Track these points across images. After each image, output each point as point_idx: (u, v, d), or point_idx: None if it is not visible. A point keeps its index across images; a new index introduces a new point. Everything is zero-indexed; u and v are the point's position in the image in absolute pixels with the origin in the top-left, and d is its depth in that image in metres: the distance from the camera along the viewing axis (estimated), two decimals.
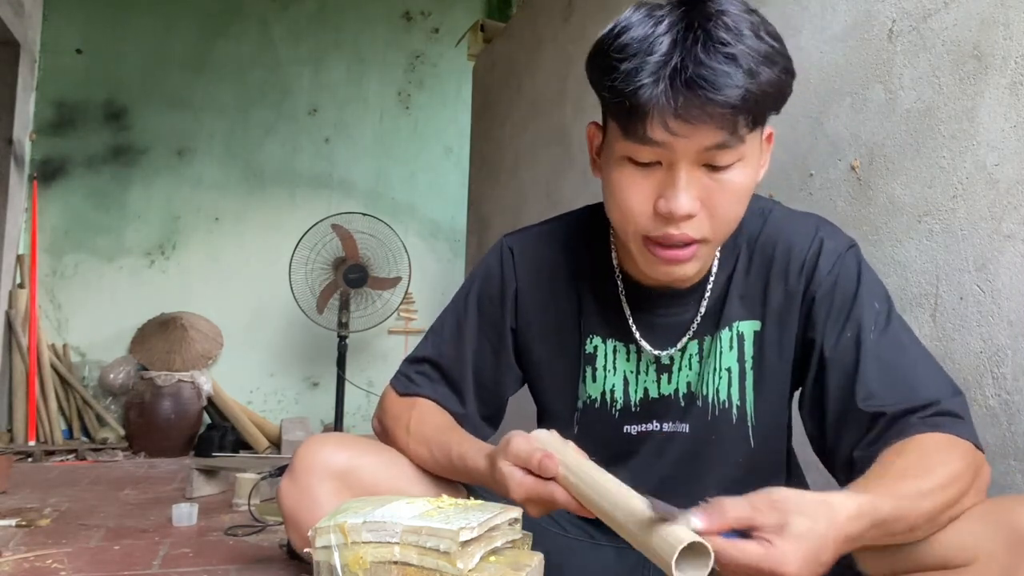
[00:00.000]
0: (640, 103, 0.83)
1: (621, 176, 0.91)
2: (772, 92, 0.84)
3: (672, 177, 0.87)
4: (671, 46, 0.82)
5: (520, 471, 0.87)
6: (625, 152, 0.89)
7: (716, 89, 0.80)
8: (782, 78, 0.85)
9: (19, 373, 3.70)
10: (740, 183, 0.89)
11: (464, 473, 1.01)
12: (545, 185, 2.79)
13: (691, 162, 0.86)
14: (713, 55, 0.81)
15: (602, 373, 1.08)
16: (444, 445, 1.04)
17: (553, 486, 0.84)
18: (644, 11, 0.86)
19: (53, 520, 2.03)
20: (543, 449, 0.86)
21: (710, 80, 0.80)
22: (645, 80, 0.82)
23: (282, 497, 1.05)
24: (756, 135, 0.89)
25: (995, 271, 1.14)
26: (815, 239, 1.01)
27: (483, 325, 1.14)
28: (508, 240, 1.16)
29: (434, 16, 4.77)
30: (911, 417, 0.88)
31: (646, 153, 0.87)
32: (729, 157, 0.87)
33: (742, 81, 0.81)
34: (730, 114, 0.82)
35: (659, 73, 0.81)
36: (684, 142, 0.84)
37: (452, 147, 4.69)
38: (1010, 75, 1.13)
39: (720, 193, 0.88)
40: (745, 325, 1.03)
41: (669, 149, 0.85)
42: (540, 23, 2.92)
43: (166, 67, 4.31)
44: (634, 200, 0.90)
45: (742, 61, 0.81)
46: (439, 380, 1.14)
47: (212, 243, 4.33)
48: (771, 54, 0.84)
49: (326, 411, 4.23)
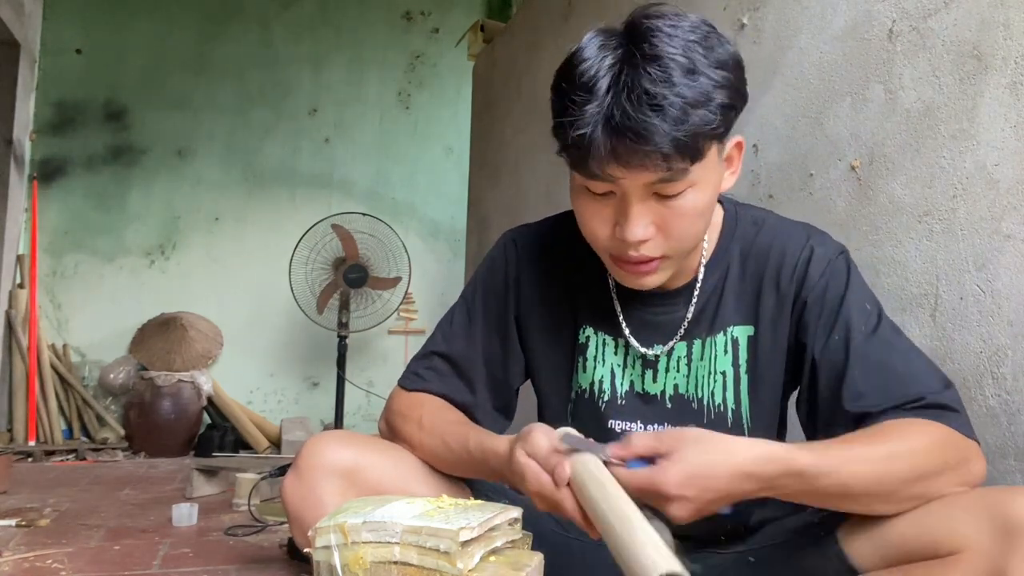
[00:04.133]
0: (579, 147, 0.87)
1: (581, 203, 0.97)
2: (706, 131, 0.85)
3: (624, 208, 0.91)
4: (606, 92, 0.85)
5: (537, 466, 0.87)
6: (581, 182, 0.94)
7: (642, 140, 0.83)
8: (717, 115, 0.85)
9: (19, 373, 3.70)
10: (693, 206, 0.92)
11: (480, 461, 1.00)
12: (545, 185, 2.79)
13: (640, 194, 0.90)
14: (639, 107, 0.83)
15: (592, 363, 1.10)
16: (461, 435, 1.04)
17: (564, 493, 0.84)
18: (597, 42, 0.88)
19: (53, 520, 2.03)
20: (561, 454, 0.86)
21: (636, 131, 0.83)
22: (582, 127, 0.85)
23: (286, 495, 1.05)
24: (705, 162, 0.90)
25: (995, 271, 1.14)
26: (806, 246, 1.04)
27: (490, 316, 1.16)
28: (511, 233, 1.20)
29: (434, 16, 4.78)
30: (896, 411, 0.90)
31: (598, 186, 0.92)
32: (677, 187, 0.90)
33: (668, 129, 0.83)
34: (662, 159, 0.85)
35: (594, 120, 0.85)
36: (626, 181, 0.88)
37: (452, 147, 4.69)
38: (1010, 75, 1.13)
39: (674, 217, 0.92)
40: (739, 330, 1.05)
41: (616, 184, 0.89)
42: (540, 23, 2.92)
43: (166, 67, 4.31)
44: (595, 225, 0.95)
45: (668, 111, 0.83)
46: (450, 373, 1.15)
47: (212, 243, 4.34)
48: (705, 93, 0.84)
49: (326, 411, 4.23)
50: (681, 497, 0.78)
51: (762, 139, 1.62)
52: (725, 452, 0.79)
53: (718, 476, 0.78)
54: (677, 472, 0.78)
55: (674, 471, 0.78)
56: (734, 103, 0.89)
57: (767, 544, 1.04)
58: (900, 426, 0.87)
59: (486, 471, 1.01)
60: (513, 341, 1.16)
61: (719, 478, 0.78)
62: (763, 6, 1.67)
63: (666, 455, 0.79)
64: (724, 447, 0.80)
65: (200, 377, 3.92)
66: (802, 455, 0.81)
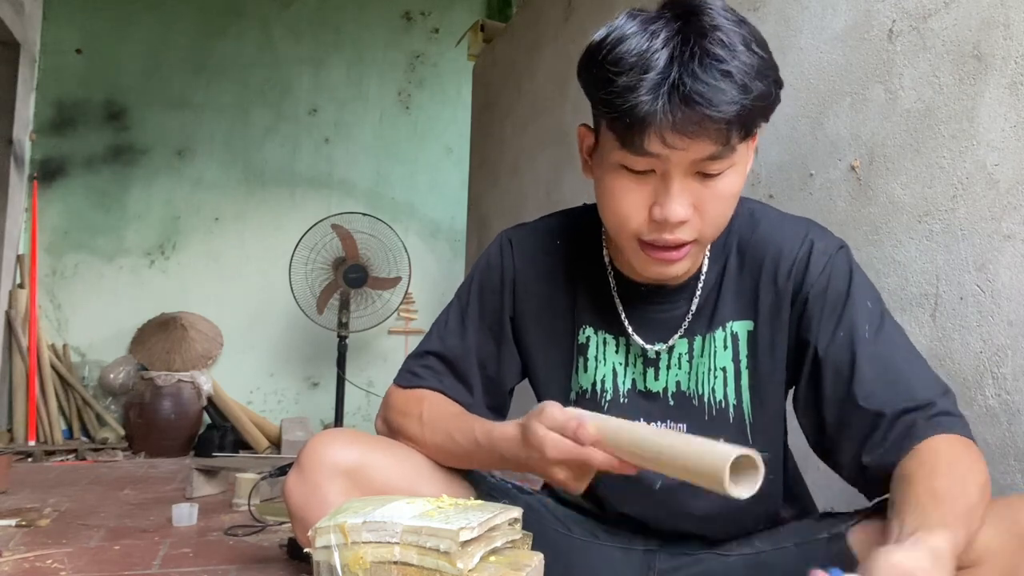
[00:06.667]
0: (638, 117, 0.85)
1: (616, 183, 0.93)
2: (763, 104, 0.87)
3: (666, 186, 0.90)
4: (668, 62, 0.84)
5: (556, 434, 0.88)
6: (620, 160, 0.91)
7: (713, 105, 0.83)
8: (772, 90, 0.88)
9: (19, 373, 3.70)
10: (730, 188, 0.92)
11: (488, 450, 1.00)
12: (545, 185, 2.79)
13: (684, 171, 0.89)
14: (709, 71, 0.83)
15: (593, 363, 1.09)
16: (466, 426, 1.04)
17: (590, 449, 0.86)
18: (638, 22, 0.88)
19: (53, 520, 2.03)
20: (577, 418, 0.88)
21: (707, 96, 0.83)
22: (643, 96, 0.84)
23: (289, 494, 1.04)
24: (748, 143, 0.92)
25: (995, 271, 1.14)
26: (805, 241, 1.03)
27: (485, 316, 1.15)
28: (507, 233, 1.19)
29: (434, 16, 4.78)
30: (912, 417, 0.89)
31: (641, 163, 0.90)
32: (721, 166, 0.90)
33: (737, 96, 0.83)
34: (725, 128, 0.85)
35: (657, 89, 0.83)
36: (680, 154, 0.87)
37: (452, 147, 4.69)
38: (1010, 75, 1.13)
39: (712, 199, 0.91)
40: (738, 325, 1.05)
41: (664, 160, 0.88)
42: (540, 23, 2.92)
43: (166, 67, 4.31)
44: (629, 206, 0.93)
45: (737, 76, 0.83)
46: (445, 372, 1.14)
47: (212, 243, 4.34)
48: (762, 67, 0.86)
49: (326, 411, 4.23)
50: None
51: (762, 139, 1.62)
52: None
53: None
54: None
55: None
56: (781, 83, 0.90)
57: (775, 548, 1.04)
58: (957, 458, 0.84)
59: (495, 459, 1.00)
60: (508, 341, 1.15)
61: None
62: (763, 6, 1.67)
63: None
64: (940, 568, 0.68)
65: (200, 377, 3.92)
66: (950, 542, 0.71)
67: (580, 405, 1.10)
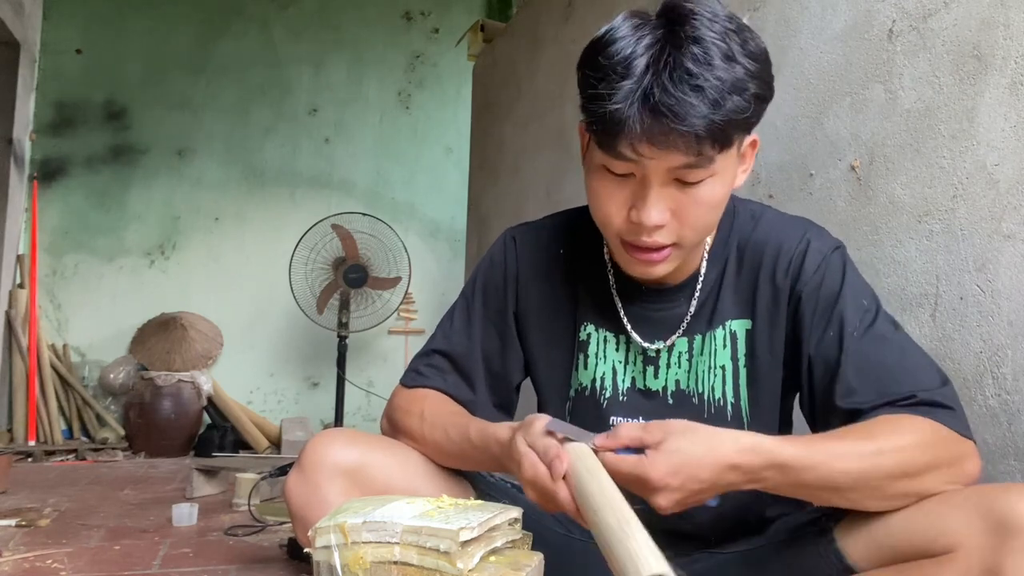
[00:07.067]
0: (611, 123, 0.86)
1: (598, 183, 0.95)
2: (739, 119, 0.87)
3: (643, 190, 0.91)
4: (644, 70, 0.85)
5: (534, 455, 0.87)
6: (602, 161, 0.93)
7: (680, 119, 0.83)
8: (750, 104, 0.87)
9: (19, 373, 3.70)
10: (710, 196, 0.93)
11: (482, 450, 1.00)
12: (545, 185, 2.79)
13: (662, 178, 0.90)
14: (679, 85, 0.83)
15: (593, 360, 1.10)
16: (462, 425, 1.04)
17: (559, 485, 0.84)
18: (631, 24, 0.88)
19: (53, 520, 2.03)
20: (559, 447, 0.85)
21: (674, 110, 0.83)
22: (617, 103, 0.85)
23: (290, 494, 1.04)
24: (729, 153, 0.91)
25: (995, 271, 1.14)
26: (802, 240, 1.04)
27: (489, 313, 1.16)
28: (511, 231, 1.20)
29: (434, 16, 4.78)
30: (886, 409, 0.89)
31: (620, 166, 0.91)
32: (699, 175, 0.90)
33: (706, 111, 0.83)
34: (694, 141, 0.85)
35: (630, 97, 0.85)
36: (653, 162, 0.88)
37: (452, 147, 4.69)
38: (1010, 75, 1.13)
39: (691, 205, 0.92)
40: (737, 324, 1.05)
41: (640, 165, 0.89)
42: (540, 23, 2.92)
43: (166, 67, 4.31)
44: (610, 207, 0.95)
45: (708, 92, 0.83)
46: (450, 370, 1.15)
47: (212, 243, 4.34)
48: (741, 81, 0.85)
49: (326, 411, 4.23)
50: (666, 487, 0.79)
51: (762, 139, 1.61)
52: (710, 443, 0.80)
53: (703, 467, 0.79)
54: (663, 462, 0.79)
55: (660, 461, 0.79)
56: (764, 95, 0.90)
57: (764, 543, 1.04)
58: (890, 422, 0.87)
59: (487, 459, 1.00)
60: (512, 338, 1.16)
61: (704, 468, 0.79)
62: (763, 6, 1.67)
63: (652, 445, 0.80)
64: (710, 438, 0.80)
65: (200, 377, 3.92)
66: (787, 448, 0.82)
67: (580, 402, 1.10)
